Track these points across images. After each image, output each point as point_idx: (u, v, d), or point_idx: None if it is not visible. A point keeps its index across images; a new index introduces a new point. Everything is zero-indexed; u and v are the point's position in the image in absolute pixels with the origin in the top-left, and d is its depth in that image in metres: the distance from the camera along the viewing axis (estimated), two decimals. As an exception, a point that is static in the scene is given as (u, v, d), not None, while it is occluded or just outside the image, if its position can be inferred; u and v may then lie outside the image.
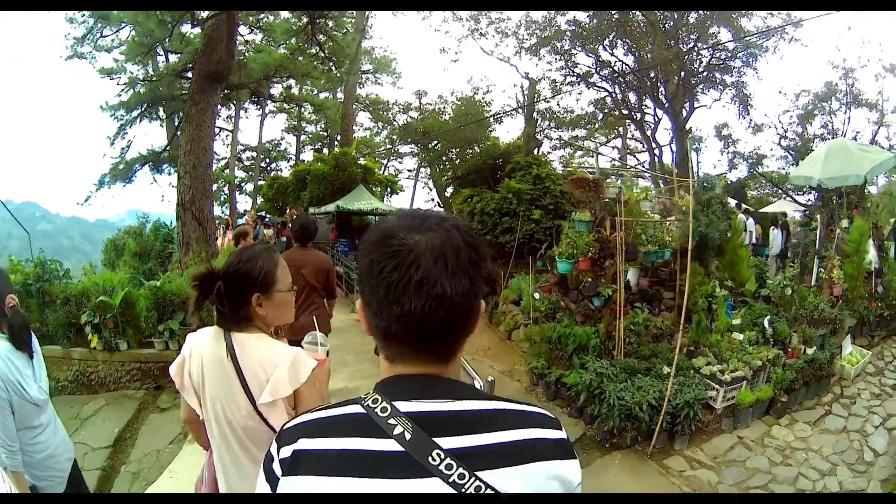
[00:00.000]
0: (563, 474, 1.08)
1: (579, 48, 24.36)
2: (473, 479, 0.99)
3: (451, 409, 1.07)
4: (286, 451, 1.08)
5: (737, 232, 9.97)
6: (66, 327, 8.76)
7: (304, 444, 1.07)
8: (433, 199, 38.21)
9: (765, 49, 23.35)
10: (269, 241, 16.33)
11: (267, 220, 22.08)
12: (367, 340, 9.50)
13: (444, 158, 22.09)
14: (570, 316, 8.42)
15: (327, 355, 2.68)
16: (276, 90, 27.79)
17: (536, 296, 9.37)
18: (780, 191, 27.90)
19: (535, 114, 21.92)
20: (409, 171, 41.35)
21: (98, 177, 23.12)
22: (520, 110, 22.30)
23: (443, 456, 1.00)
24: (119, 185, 23.11)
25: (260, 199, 30.06)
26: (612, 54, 24.67)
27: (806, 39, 25.66)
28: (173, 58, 20.58)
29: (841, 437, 7.15)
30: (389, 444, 1.02)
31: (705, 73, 24.35)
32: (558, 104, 25.91)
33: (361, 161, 24.82)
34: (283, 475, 1.07)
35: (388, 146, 36.32)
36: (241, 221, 24.50)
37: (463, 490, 0.98)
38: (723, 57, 23.88)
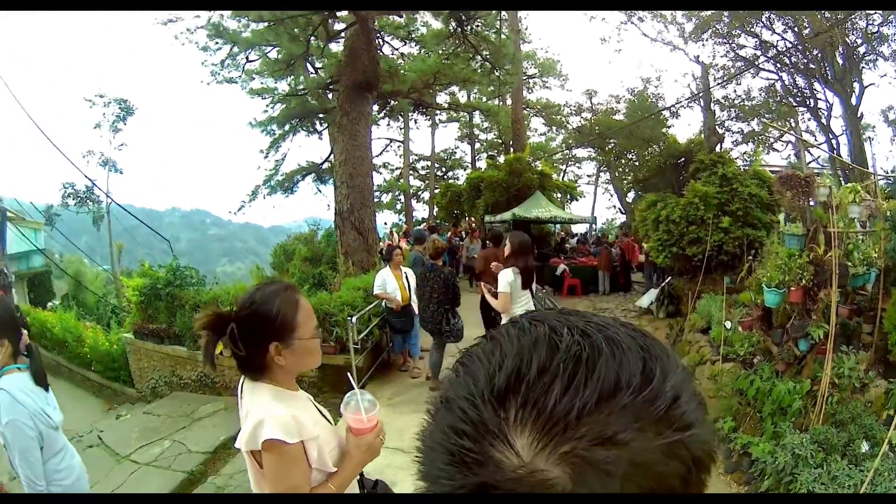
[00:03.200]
0: None
1: (738, 30, 22.30)
2: None
3: None
4: None
5: None
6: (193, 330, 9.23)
7: None
8: (614, 206, 36.84)
9: None
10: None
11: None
12: None
13: (621, 161, 20.66)
14: (769, 362, 6.68)
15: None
16: (442, 99, 27.88)
17: (728, 325, 7.78)
18: None
19: (712, 103, 19.82)
20: (588, 175, 40.34)
21: (252, 188, 24.90)
22: (697, 101, 20.35)
23: None
24: (281, 195, 24.65)
25: (436, 208, 30.36)
26: (773, 32, 22.32)
27: None
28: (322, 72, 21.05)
29: None
30: None
31: (865, 45, 21.18)
32: (735, 91, 23.84)
33: (538, 166, 23.79)
34: None
35: (565, 150, 35.49)
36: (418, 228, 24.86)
37: None
38: (878, 23, 20.48)
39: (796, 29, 21.92)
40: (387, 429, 2.35)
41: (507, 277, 6.21)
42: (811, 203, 6.42)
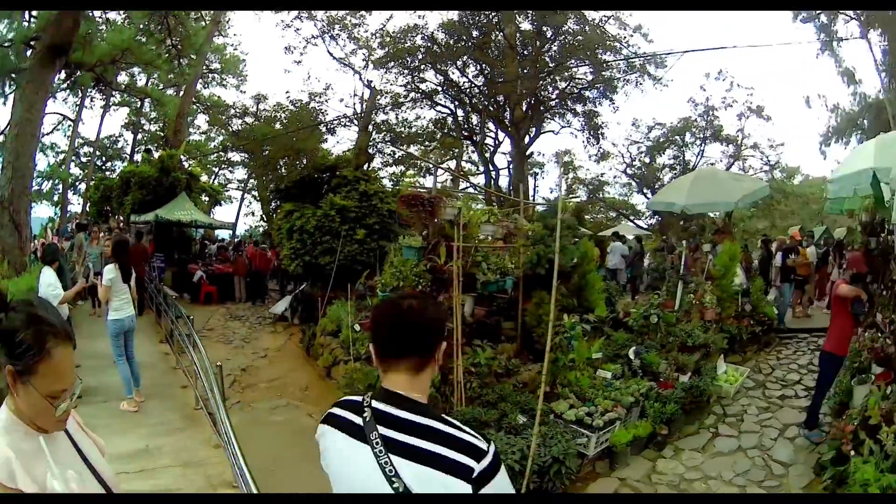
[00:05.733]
0: (451, 489, 1.59)
1: (429, 66, 24.03)
2: (386, 457, 1.64)
3: (397, 415, 1.73)
4: (329, 410, 1.90)
5: (587, 257, 9.31)
6: None
7: (334, 410, 1.88)
8: (253, 213, 36.87)
9: (625, 82, 24.64)
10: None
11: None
12: (176, 381, 8.46)
13: (269, 169, 20.75)
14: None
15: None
16: (122, 78, 25.82)
17: (357, 328, 8.45)
18: (621, 215, 29.68)
19: (370, 126, 20.97)
20: (239, 181, 39.53)
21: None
22: (355, 121, 21.28)
23: (376, 437, 1.68)
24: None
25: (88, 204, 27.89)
26: (462, 74, 24.65)
27: (669, 77, 27.45)
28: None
29: (738, 456, 6.92)
30: (359, 420, 1.76)
31: (557, 101, 25.09)
32: (397, 117, 25.61)
33: (189, 165, 22.88)
34: (321, 423, 1.89)
35: (220, 152, 34.41)
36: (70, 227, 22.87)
37: (378, 458, 1.65)
38: (578, 87, 24.69)
39: (489, 76, 24.25)
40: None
41: (109, 273, 7.00)
42: (440, 221, 7.04)
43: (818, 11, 22.88)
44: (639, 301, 10.57)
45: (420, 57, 23.47)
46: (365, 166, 17.49)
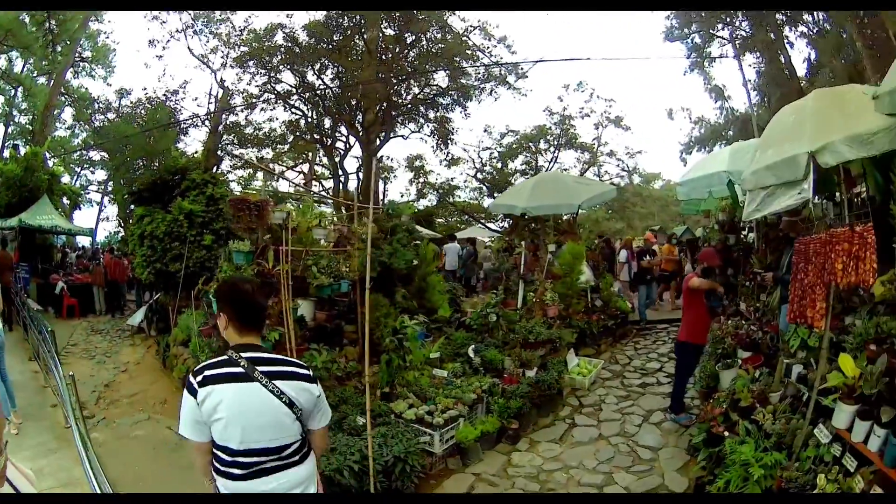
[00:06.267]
0: (310, 389, 2.78)
1: (288, 66, 23.99)
2: (272, 384, 2.64)
3: (263, 357, 2.76)
4: (200, 377, 2.65)
5: (426, 259, 9.52)
6: None
7: (205, 373, 2.66)
8: (107, 217, 35.65)
9: (480, 90, 25.58)
10: None
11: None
12: (46, 400, 8.30)
13: (126, 170, 19.97)
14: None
15: None
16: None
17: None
18: (471, 218, 30.28)
19: (220, 127, 20.50)
20: (99, 182, 37.01)
21: None
22: (207, 121, 20.75)
23: (258, 374, 2.64)
24: None
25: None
26: (319, 77, 24.69)
27: (529, 87, 29.24)
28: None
29: (600, 444, 7.07)
30: (239, 369, 2.64)
31: (410, 106, 25.76)
32: (247, 119, 25.22)
33: (52, 164, 21.27)
34: (200, 388, 2.62)
35: (82, 150, 32.07)
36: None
37: (266, 387, 2.63)
38: (433, 94, 25.44)
39: (345, 79, 24.27)
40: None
41: None
42: (270, 226, 7.05)
43: (690, 33, 25.72)
44: (477, 301, 10.79)
45: (280, 57, 23.34)
46: (214, 168, 17.02)
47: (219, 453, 2.74)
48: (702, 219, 13.32)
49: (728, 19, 23.85)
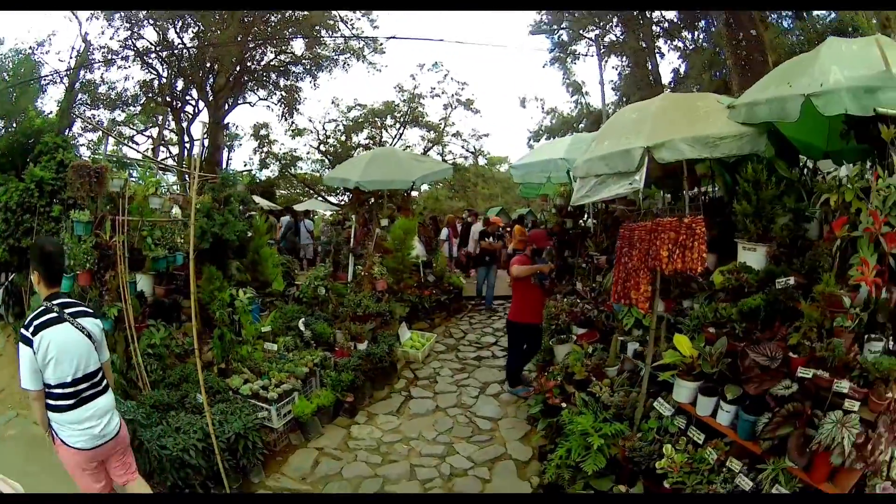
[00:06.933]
0: (99, 324, 3.86)
1: (153, 21, 22.63)
2: (77, 322, 3.64)
3: (67, 302, 3.73)
4: (31, 328, 3.47)
5: (259, 231, 9.31)
6: None
7: (34, 322, 3.50)
8: None
9: (334, 62, 25.54)
10: None
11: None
12: None
13: None
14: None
15: None
16: None
17: None
18: (311, 191, 30.24)
19: (77, 85, 19.32)
20: None
21: None
22: (64, 79, 19.49)
23: (67, 315, 3.62)
24: None
25: None
26: (179, 35, 23.65)
27: (384, 63, 28.89)
28: None
29: (438, 416, 7.26)
30: (54, 315, 3.56)
31: (262, 73, 25.57)
32: (102, 78, 23.68)
33: None
34: (34, 336, 3.45)
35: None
36: None
37: (73, 325, 3.62)
38: (286, 61, 25.35)
39: (203, 39, 23.33)
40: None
41: None
42: (108, 194, 6.75)
43: (558, 29, 26.57)
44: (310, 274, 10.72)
45: (146, 10, 21.91)
46: (66, 132, 15.98)
47: (53, 391, 3.57)
48: (543, 202, 13.83)
49: (600, 22, 24.88)
